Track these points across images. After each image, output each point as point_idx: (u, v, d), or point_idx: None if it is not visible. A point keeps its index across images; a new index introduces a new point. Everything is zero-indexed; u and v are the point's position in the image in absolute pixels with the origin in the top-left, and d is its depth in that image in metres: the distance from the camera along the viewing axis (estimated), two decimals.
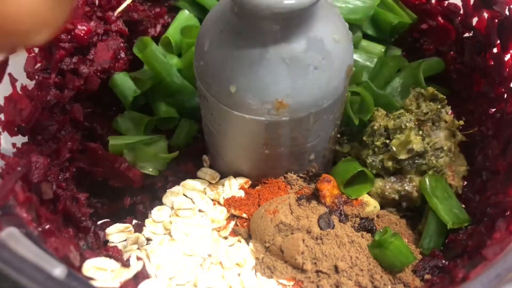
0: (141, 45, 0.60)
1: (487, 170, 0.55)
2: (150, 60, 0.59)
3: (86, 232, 0.54)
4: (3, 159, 0.44)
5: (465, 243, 0.49)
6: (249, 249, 0.50)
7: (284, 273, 0.49)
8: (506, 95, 0.55)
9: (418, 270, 0.51)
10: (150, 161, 0.57)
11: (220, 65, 0.46)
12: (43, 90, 0.52)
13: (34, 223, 0.41)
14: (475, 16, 0.59)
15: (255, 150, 0.51)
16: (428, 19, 0.65)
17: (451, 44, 0.64)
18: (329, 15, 0.47)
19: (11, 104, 0.48)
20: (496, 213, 0.48)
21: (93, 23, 0.58)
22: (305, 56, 0.44)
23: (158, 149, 0.58)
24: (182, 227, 0.51)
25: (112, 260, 0.45)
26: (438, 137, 0.55)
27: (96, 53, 0.59)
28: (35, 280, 0.32)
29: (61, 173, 0.53)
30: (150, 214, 0.54)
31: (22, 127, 0.49)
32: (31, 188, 0.45)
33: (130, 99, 0.61)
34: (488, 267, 0.36)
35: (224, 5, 0.46)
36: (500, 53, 0.55)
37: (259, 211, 0.52)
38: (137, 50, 0.60)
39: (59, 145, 0.53)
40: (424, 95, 0.57)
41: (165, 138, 0.60)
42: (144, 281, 0.45)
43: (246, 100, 0.46)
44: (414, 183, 0.54)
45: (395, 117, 0.55)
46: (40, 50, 0.53)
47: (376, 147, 0.55)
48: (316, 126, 0.49)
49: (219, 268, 0.49)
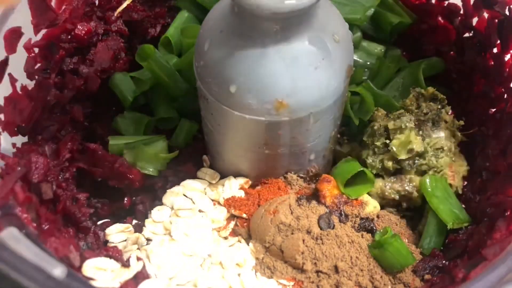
0: (143, 53, 0.59)
1: (487, 170, 0.55)
2: (154, 69, 0.59)
3: (86, 232, 0.54)
4: (3, 159, 0.44)
5: (465, 243, 0.49)
6: (249, 249, 0.50)
7: (284, 273, 0.49)
8: (506, 95, 0.55)
9: (418, 270, 0.51)
10: (150, 161, 0.57)
11: (220, 65, 0.46)
12: (43, 90, 0.52)
13: (34, 223, 0.41)
14: (475, 16, 0.59)
15: (255, 150, 0.51)
16: (428, 19, 0.65)
17: (451, 44, 0.64)
18: (329, 15, 0.47)
19: (11, 104, 0.48)
20: (496, 213, 0.48)
21: (93, 23, 0.58)
22: (305, 56, 0.44)
23: (158, 149, 0.58)
24: (182, 227, 0.51)
25: (112, 260, 0.45)
26: (438, 137, 0.55)
27: (96, 53, 0.58)
28: (35, 280, 0.32)
29: (61, 173, 0.53)
30: (150, 214, 0.54)
31: (22, 127, 0.49)
32: (31, 188, 0.45)
33: (130, 99, 0.61)
34: (488, 267, 0.36)
35: (224, 5, 0.46)
36: (500, 53, 0.55)
37: (259, 211, 0.52)
38: (140, 58, 0.59)
39: (59, 145, 0.53)
40: (424, 95, 0.57)
41: (165, 138, 0.60)
42: (144, 281, 0.45)
43: (246, 100, 0.46)
44: (414, 183, 0.54)
45: (395, 117, 0.55)
46: (40, 50, 0.53)
47: (376, 147, 0.55)
48: (316, 126, 0.49)
49: (219, 268, 0.49)
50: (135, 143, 0.57)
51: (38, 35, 0.52)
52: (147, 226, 0.53)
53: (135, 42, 0.66)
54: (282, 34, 0.43)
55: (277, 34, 0.43)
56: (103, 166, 0.56)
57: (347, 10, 0.60)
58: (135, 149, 0.57)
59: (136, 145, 0.57)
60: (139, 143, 0.57)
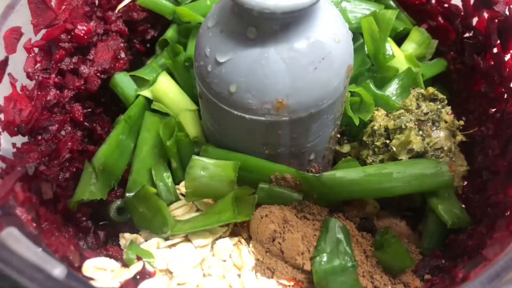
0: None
1: (487, 170, 0.55)
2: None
3: (86, 232, 0.54)
4: (4, 161, 0.44)
5: (465, 243, 0.49)
6: (249, 250, 0.50)
7: (284, 273, 0.49)
8: (506, 95, 0.55)
9: (418, 270, 0.51)
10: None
11: (220, 65, 0.46)
12: (43, 90, 0.52)
13: (34, 223, 0.41)
14: (475, 16, 0.59)
15: (255, 150, 0.51)
16: (428, 19, 0.65)
17: (451, 44, 0.64)
18: (329, 15, 0.47)
19: (11, 104, 0.48)
20: (496, 213, 0.48)
21: (93, 23, 0.58)
22: (305, 56, 0.44)
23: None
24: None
25: (112, 260, 0.45)
26: (438, 137, 0.55)
27: (96, 53, 0.59)
28: (35, 280, 0.32)
29: (61, 173, 0.53)
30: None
31: (22, 127, 0.49)
32: (31, 188, 0.45)
33: (132, 99, 0.61)
34: (488, 267, 0.36)
35: (224, 5, 0.46)
36: (500, 53, 0.55)
37: (259, 212, 0.52)
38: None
39: (59, 145, 0.53)
40: (424, 95, 0.57)
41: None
42: (144, 281, 0.45)
43: (246, 100, 0.46)
44: None
45: (395, 117, 0.55)
46: (40, 50, 0.53)
47: (376, 147, 0.55)
48: (316, 126, 0.49)
49: (219, 268, 0.49)
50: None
51: (38, 35, 0.52)
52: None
53: (135, 42, 0.66)
54: (282, 34, 0.43)
55: (277, 34, 0.43)
56: None
57: (356, 19, 0.61)
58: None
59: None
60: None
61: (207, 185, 0.50)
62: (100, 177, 0.53)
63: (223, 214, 0.49)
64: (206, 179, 0.50)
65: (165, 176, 0.55)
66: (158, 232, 0.50)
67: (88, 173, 0.53)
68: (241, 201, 0.50)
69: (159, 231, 0.50)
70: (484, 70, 0.58)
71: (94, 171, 0.53)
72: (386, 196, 0.52)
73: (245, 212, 0.49)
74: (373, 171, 0.52)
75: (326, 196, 0.52)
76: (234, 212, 0.49)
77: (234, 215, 0.49)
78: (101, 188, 0.53)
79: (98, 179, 0.53)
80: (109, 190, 0.54)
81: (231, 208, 0.49)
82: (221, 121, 0.51)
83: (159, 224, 0.50)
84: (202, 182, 0.50)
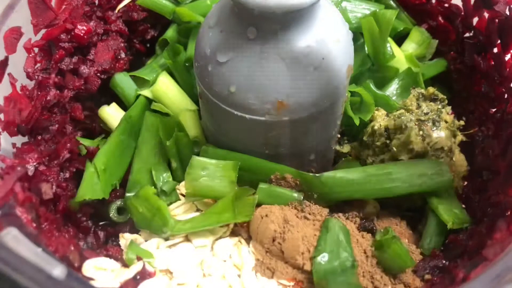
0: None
1: (487, 170, 0.55)
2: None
3: (86, 232, 0.54)
4: (4, 161, 0.44)
5: (465, 243, 0.49)
6: (249, 250, 0.50)
7: (285, 273, 0.49)
8: (506, 95, 0.55)
9: (418, 270, 0.50)
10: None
11: (220, 65, 0.46)
12: (43, 90, 0.52)
13: (34, 223, 0.41)
14: (475, 16, 0.59)
15: (255, 150, 0.51)
16: (428, 19, 0.65)
17: (451, 44, 0.64)
18: (329, 15, 0.46)
19: (11, 104, 0.48)
20: (496, 213, 0.48)
21: (93, 23, 0.58)
22: (305, 56, 0.44)
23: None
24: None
25: (112, 260, 0.45)
26: (439, 137, 0.55)
27: (96, 53, 0.59)
28: (35, 280, 0.32)
29: (61, 173, 0.53)
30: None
31: (22, 127, 0.49)
32: (31, 188, 0.45)
33: (132, 99, 0.61)
34: (488, 267, 0.36)
35: (224, 5, 0.46)
36: (500, 53, 0.55)
37: (259, 212, 0.52)
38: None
39: (59, 145, 0.53)
40: (424, 95, 0.57)
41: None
42: (144, 281, 0.45)
43: (246, 100, 0.46)
44: None
45: (395, 117, 0.55)
46: (40, 50, 0.53)
47: (377, 147, 0.55)
48: (316, 126, 0.49)
49: (219, 268, 0.49)
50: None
51: (38, 35, 0.52)
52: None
53: (135, 42, 0.66)
54: (283, 34, 0.43)
55: (277, 34, 0.43)
56: None
57: (356, 19, 0.61)
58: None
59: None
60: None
61: (207, 185, 0.50)
62: (102, 177, 0.53)
63: (223, 214, 0.49)
64: (206, 179, 0.50)
65: (165, 176, 0.55)
66: (158, 232, 0.50)
67: (90, 173, 0.53)
68: (241, 201, 0.50)
69: (159, 231, 0.50)
70: (484, 70, 0.58)
71: (96, 171, 0.53)
72: (386, 196, 0.52)
73: (245, 212, 0.49)
74: (374, 171, 0.52)
75: (326, 196, 0.52)
76: (234, 212, 0.49)
77: (234, 216, 0.49)
78: (103, 187, 0.53)
79: (100, 179, 0.53)
80: (111, 189, 0.54)
81: (231, 208, 0.49)
82: (221, 121, 0.51)
83: (159, 224, 0.50)
84: (202, 182, 0.50)
